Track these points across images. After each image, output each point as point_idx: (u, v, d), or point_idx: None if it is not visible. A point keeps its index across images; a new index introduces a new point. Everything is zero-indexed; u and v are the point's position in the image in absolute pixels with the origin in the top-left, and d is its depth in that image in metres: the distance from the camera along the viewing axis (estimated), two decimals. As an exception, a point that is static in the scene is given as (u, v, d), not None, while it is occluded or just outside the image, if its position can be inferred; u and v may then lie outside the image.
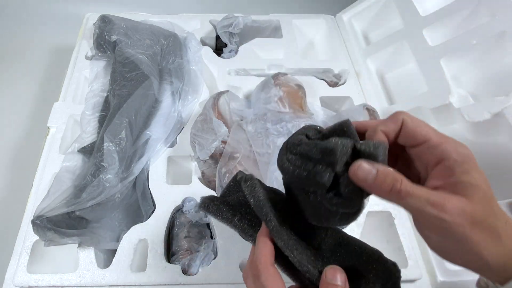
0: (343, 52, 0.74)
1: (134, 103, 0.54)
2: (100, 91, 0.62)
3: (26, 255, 0.46)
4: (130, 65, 0.59)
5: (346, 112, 0.56)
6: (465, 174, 0.22)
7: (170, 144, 0.57)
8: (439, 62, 0.57)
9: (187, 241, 0.48)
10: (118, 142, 0.49)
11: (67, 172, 0.51)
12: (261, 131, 0.52)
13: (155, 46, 0.64)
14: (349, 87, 0.68)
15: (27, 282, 0.44)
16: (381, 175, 0.22)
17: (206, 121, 0.52)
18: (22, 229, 0.49)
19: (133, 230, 0.48)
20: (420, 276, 0.47)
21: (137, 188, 0.52)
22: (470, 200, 0.21)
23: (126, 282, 0.45)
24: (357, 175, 0.23)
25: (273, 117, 0.53)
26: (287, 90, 0.56)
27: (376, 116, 0.55)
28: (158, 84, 0.59)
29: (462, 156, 0.23)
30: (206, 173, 0.54)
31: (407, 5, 0.67)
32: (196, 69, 0.66)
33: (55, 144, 0.56)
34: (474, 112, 0.49)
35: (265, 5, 1.09)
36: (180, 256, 0.47)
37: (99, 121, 0.58)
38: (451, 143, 0.23)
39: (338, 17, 0.81)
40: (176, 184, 0.53)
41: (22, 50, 0.94)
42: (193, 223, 0.50)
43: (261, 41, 0.74)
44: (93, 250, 0.47)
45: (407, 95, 0.63)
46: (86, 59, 0.69)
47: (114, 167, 0.47)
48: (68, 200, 0.45)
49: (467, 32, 0.55)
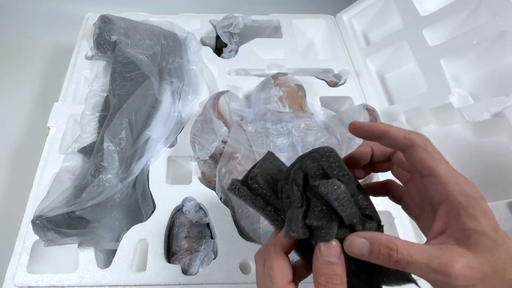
0: (343, 52, 0.74)
1: (134, 103, 0.54)
2: (100, 91, 0.62)
3: (26, 255, 0.46)
4: (130, 65, 0.59)
5: (346, 112, 0.56)
6: (470, 220, 0.20)
7: (170, 144, 0.57)
8: (439, 62, 0.57)
9: (187, 241, 0.48)
10: (118, 142, 0.49)
11: (67, 172, 0.51)
12: (261, 131, 0.52)
13: (155, 46, 0.64)
14: (349, 87, 0.68)
15: (27, 282, 0.44)
16: (375, 247, 0.21)
17: (206, 121, 0.52)
18: (22, 229, 0.49)
19: (133, 230, 0.48)
20: (420, 276, 0.47)
21: (137, 188, 0.52)
22: (474, 252, 0.20)
23: (126, 282, 0.45)
24: (352, 253, 0.22)
25: (273, 117, 0.53)
26: (287, 90, 0.56)
27: (376, 116, 0.55)
28: (158, 84, 0.59)
29: (469, 199, 0.21)
30: (206, 173, 0.54)
31: (407, 5, 0.67)
32: (196, 69, 0.66)
33: (55, 144, 0.56)
34: (474, 112, 0.49)
35: (265, 5, 1.09)
36: (180, 256, 0.47)
37: (99, 121, 0.58)
38: (459, 183, 0.22)
39: (338, 17, 0.81)
40: (176, 184, 0.53)
41: (22, 50, 0.94)
42: (193, 223, 0.50)
43: (261, 41, 0.74)
44: (93, 250, 0.47)
45: (407, 95, 0.63)
46: (86, 59, 0.69)
47: (114, 167, 0.47)
48: (68, 200, 0.45)
49: (467, 32, 0.55)
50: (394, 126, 0.25)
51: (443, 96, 0.54)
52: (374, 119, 0.55)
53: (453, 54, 0.56)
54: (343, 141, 0.50)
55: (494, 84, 0.54)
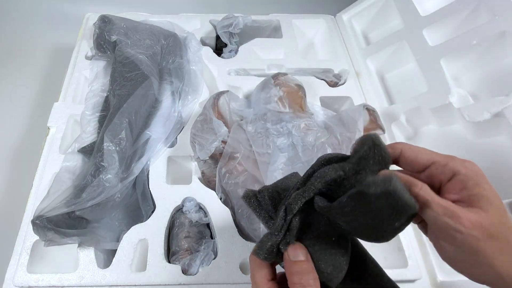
0: (343, 52, 0.74)
1: (134, 103, 0.54)
2: (100, 91, 0.62)
3: (26, 255, 0.46)
4: (130, 65, 0.59)
5: (346, 112, 0.56)
6: (477, 187, 0.22)
7: (170, 144, 0.57)
8: (439, 62, 0.57)
9: (187, 241, 0.48)
10: (118, 142, 0.49)
11: (67, 172, 0.51)
12: (261, 131, 0.52)
13: (155, 46, 0.64)
14: (349, 87, 0.68)
15: (27, 282, 0.44)
16: None
17: (206, 121, 0.52)
18: (22, 229, 0.49)
19: (133, 230, 0.48)
20: (420, 276, 0.47)
21: (137, 188, 0.52)
22: (486, 213, 0.21)
23: (126, 282, 0.45)
24: None
25: (273, 117, 0.53)
26: (287, 90, 0.56)
27: (376, 116, 0.55)
28: (158, 84, 0.59)
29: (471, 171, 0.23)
30: (206, 173, 0.54)
31: (407, 5, 0.67)
32: (196, 69, 0.66)
33: (55, 144, 0.56)
34: (474, 112, 0.49)
35: (265, 5, 1.09)
36: (180, 256, 0.47)
37: (99, 121, 0.58)
38: (458, 160, 0.24)
39: (338, 17, 0.81)
40: (176, 184, 0.53)
41: (22, 50, 0.94)
42: (193, 223, 0.50)
43: (261, 41, 0.74)
44: (93, 250, 0.47)
45: (407, 95, 0.63)
46: (86, 59, 0.69)
47: (114, 167, 0.47)
48: (68, 200, 0.45)
49: (467, 32, 0.55)
50: None
51: (443, 96, 0.54)
52: (374, 119, 0.55)
53: (453, 54, 0.56)
54: (343, 141, 0.50)
55: (494, 84, 0.54)
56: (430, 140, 0.58)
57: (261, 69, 0.69)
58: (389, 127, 0.60)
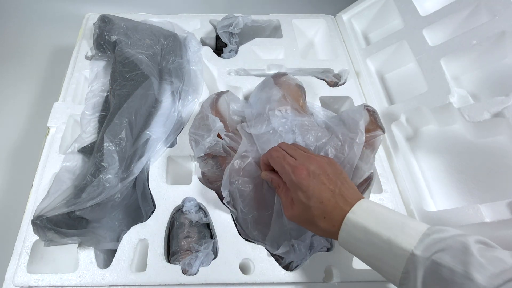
0: (343, 52, 0.74)
1: (134, 103, 0.54)
2: (100, 91, 0.62)
3: (26, 255, 0.46)
4: (130, 65, 0.59)
5: (346, 113, 0.56)
6: (294, 193, 0.40)
7: (170, 144, 0.57)
8: (439, 62, 0.57)
9: (187, 241, 0.48)
10: (118, 142, 0.49)
11: (67, 172, 0.51)
12: (263, 131, 0.52)
13: (155, 46, 0.64)
14: (349, 87, 0.68)
15: (27, 282, 0.44)
16: None
17: (203, 119, 0.52)
18: (22, 229, 0.49)
19: (133, 230, 0.48)
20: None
21: (137, 188, 0.52)
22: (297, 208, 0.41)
23: (126, 282, 0.45)
24: None
25: (273, 117, 0.53)
26: (287, 90, 0.56)
27: (376, 116, 0.55)
28: (158, 84, 0.59)
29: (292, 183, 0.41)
30: (206, 173, 0.54)
31: (407, 5, 0.67)
32: (196, 69, 0.66)
33: (55, 144, 0.56)
34: (474, 112, 0.49)
35: (265, 5, 1.10)
36: (180, 256, 0.47)
37: (99, 121, 0.58)
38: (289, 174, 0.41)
39: (338, 17, 0.81)
40: (176, 184, 0.53)
41: (22, 50, 0.94)
42: (193, 223, 0.50)
43: (261, 41, 0.74)
44: (93, 250, 0.47)
45: (407, 95, 0.63)
46: (86, 59, 0.69)
47: (114, 167, 0.47)
48: (68, 200, 0.45)
49: (467, 32, 0.55)
50: None
51: (443, 96, 0.54)
52: (374, 120, 0.55)
53: (453, 54, 0.56)
54: (345, 142, 0.50)
55: (494, 84, 0.54)
56: (430, 140, 0.58)
57: (261, 69, 0.69)
58: (389, 127, 0.60)
